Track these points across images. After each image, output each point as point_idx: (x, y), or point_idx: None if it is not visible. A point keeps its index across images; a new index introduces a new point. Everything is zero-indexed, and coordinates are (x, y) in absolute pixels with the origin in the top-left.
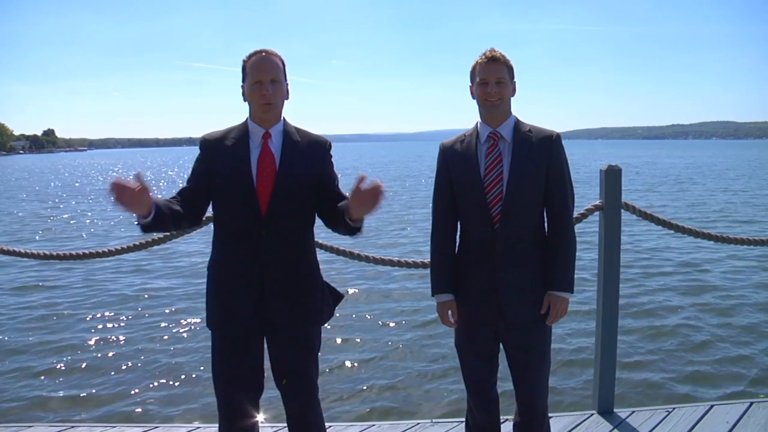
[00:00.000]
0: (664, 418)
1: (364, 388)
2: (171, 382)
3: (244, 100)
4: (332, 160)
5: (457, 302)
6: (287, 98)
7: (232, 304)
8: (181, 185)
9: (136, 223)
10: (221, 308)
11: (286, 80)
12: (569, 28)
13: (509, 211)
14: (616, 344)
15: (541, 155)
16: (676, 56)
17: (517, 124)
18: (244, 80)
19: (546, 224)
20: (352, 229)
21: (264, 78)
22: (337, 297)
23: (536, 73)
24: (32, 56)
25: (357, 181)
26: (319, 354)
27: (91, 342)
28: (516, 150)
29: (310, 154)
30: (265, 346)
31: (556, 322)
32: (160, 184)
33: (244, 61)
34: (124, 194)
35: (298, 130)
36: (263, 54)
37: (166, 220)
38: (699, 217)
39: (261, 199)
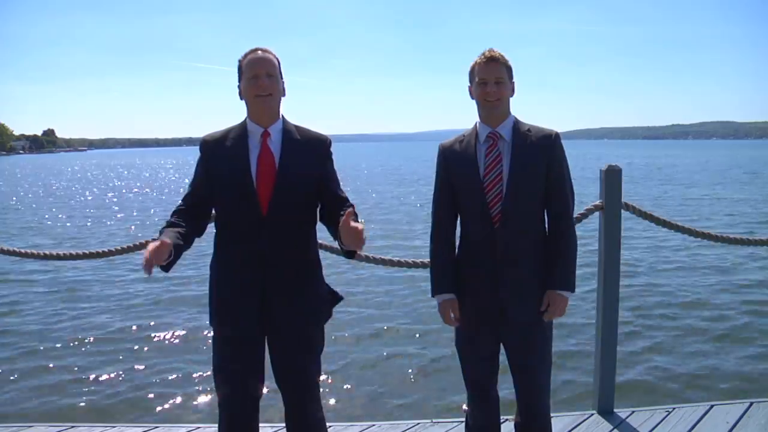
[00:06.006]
0: (664, 418)
1: (364, 388)
2: (171, 382)
3: (241, 99)
4: (333, 157)
5: (458, 302)
6: (284, 95)
7: (234, 304)
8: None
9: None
10: (223, 308)
11: (281, 78)
12: (569, 28)
13: (509, 211)
14: (616, 344)
15: (541, 154)
16: (676, 56)
17: (517, 123)
18: (240, 79)
19: (546, 223)
20: (346, 252)
21: (260, 72)
22: (336, 298)
23: (536, 73)
24: (32, 56)
25: (345, 215)
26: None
27: (92, 342)
28: (516, 149)
29: (311, 153)
30: (266, 345)
31: (553, 318)
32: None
33: (240, 61)
34: (152, 262)
35: (297, 128)
36: (258, 52)
37: (180, 252)
38: None
39: (261, 199)
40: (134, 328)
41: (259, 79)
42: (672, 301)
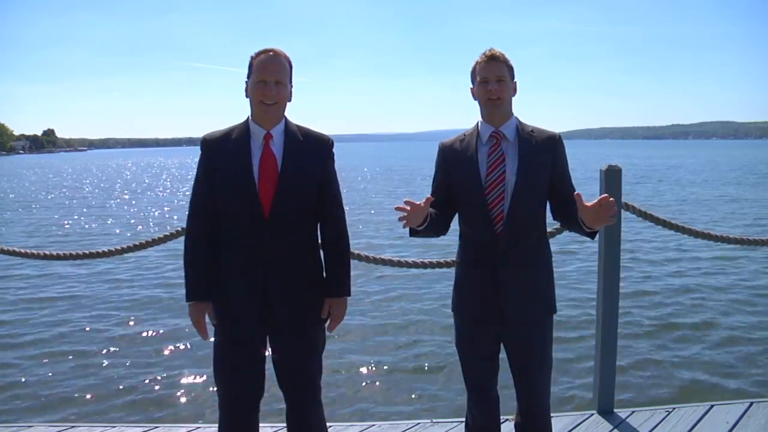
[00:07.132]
0: (664, 418)
1: (365, 388)
2: (171, 382)
3: (246, 96)
4: (334, 158)
5: (458, 302)
6: (290, 100)
7: (235, 304)
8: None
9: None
10: (224, 308)
11: (291, 83)
12: (570, 28)
13: (511, 211)
14: (616, 344)
15: (546, 155)
16: (676, 56)
17: (519, 124)
18: (249, 76)
19: (558, 215)
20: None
21: (268, 78)
22: None
23: (537, 73)
24: (32, 56)
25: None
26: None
27: (92, 341)
28: (522, 150)
29: (313, 154)
30: (268, 346)
31: None
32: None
33: (252, 57)
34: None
35: (299, 128)
36: (271, 54)
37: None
38: None
39: (263, 201)
40: (134, 327)
41: (267, 85)
42: (672, 301)
